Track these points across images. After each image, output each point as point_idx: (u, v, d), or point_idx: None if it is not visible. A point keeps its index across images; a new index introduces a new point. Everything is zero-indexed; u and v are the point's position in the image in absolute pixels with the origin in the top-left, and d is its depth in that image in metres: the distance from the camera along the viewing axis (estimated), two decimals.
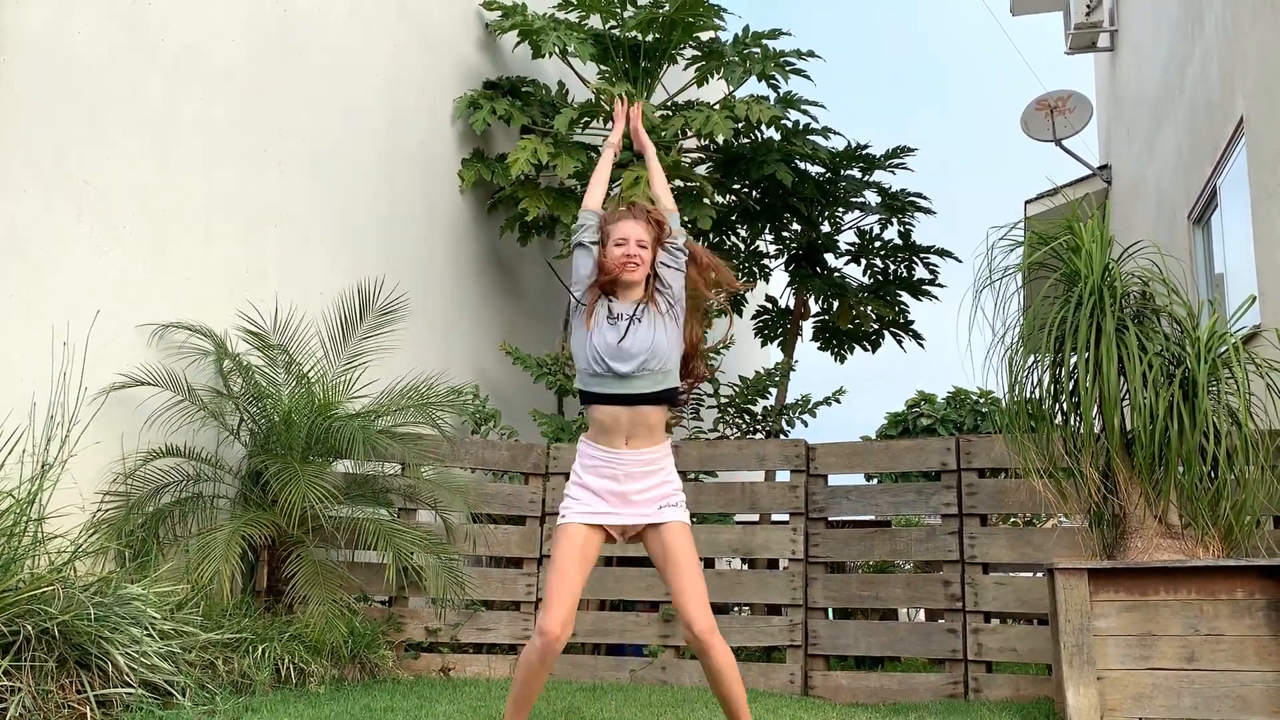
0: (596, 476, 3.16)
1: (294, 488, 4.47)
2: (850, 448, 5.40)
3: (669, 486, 3.19)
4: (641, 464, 3.15)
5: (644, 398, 3.15)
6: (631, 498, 3.14)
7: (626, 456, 3.15)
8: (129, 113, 4.79)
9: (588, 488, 3.17)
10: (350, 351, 5.36)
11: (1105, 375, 3.89)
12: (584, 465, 3.21)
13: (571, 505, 3.17)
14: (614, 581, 5.42)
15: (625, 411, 3.14)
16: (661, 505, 3.15)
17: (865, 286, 8.42)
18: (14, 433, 4.01)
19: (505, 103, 7.47)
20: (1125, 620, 3.75)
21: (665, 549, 3.13)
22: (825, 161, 7.74)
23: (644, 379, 3.14)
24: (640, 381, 3.14)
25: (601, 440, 3.18)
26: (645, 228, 3.23)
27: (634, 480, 3.14)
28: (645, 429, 3.17)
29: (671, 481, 3.21)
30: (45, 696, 3.44)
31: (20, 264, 4.24)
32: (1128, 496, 3.97)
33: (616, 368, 3.12)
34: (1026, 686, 4.75)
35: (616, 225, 3.23)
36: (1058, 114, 9.96)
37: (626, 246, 3.19)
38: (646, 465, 3.16)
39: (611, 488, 3.14)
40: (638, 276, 3.21)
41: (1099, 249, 4.13)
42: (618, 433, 3.15)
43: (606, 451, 3.16)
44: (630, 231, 3.21)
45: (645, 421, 3.16)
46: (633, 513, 3.14)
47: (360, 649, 4.74)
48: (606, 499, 3.14)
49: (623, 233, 3.21)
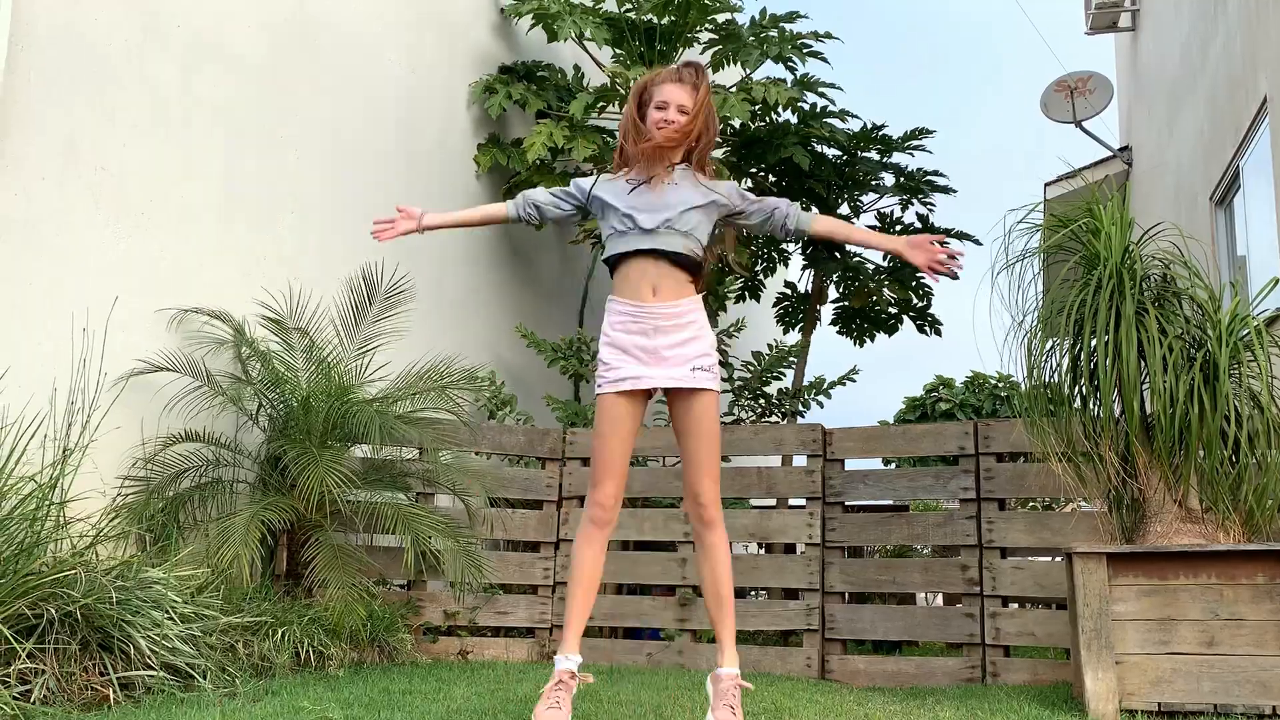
0: (625, 333, 3.09)
1: (313, 472, 4.50)
2: (867, 432, 5.39)
3: (702, 344, 3.11)
4: (671, 316, 3.08)
5: (668, 254, 3.08)
6: (663, 353, 3.06)
7: (655, 309, 3.07)
8: (145, 100, 4.81)
9: (617, 346, 3.10)
10: (363, 335, 5.37)
11: (1125, 359, 3.86)
12: (612, 323, 3.14)
13: (605, 374, 3.10)
14: (631, 565, 5.43)
15: (651, 264, 3.08)
16: (695, 367, 3.08)
17: (883, 269, 8.37)
18: (35, 418, 4.04)
19: (521, 87, 7.46)
20: (1144, 605, 3.73)
21: (690, 416, 3.08)
22: (842, 144, 7.70)
23: (670, 236, 3.08)
24: (666, 238, 3.08)
25: (628, 293, 3.11)
26: (690, 94, 3.12)
27: (664, 334, 3.07)
28: (673, 281, 3.09)
29: (704, 338, 3.13)
30: (69, 679, 3.48)
31: (39, 251, 4.27)
32: (1147, 480, 3.94)
33: (642, 220, 3.07)
34: (1045, 671, 4.74)
35: (660, 88, 3.13)
36: (1078, 95, 9.87)
37: (667, 111, 3.10)
38: (676, 318, 3.08)
39: (642, 343, 3.07)
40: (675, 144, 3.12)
41: (1119, 231, 4.09)
42: (644, 283, 3.08)
43: (634, 305, 3.09)
44: (673, 96, 3.11)
45: (671, 275, 3.09)
46: (665, 372, 3.07)
47: (379, 632, 4.77)
48: (637, 356, 3.08)
49: (665, 96, 3.11)
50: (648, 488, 5.53)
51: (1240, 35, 6.04)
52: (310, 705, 3.51)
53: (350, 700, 3.69)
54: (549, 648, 5.34)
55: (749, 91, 6.78)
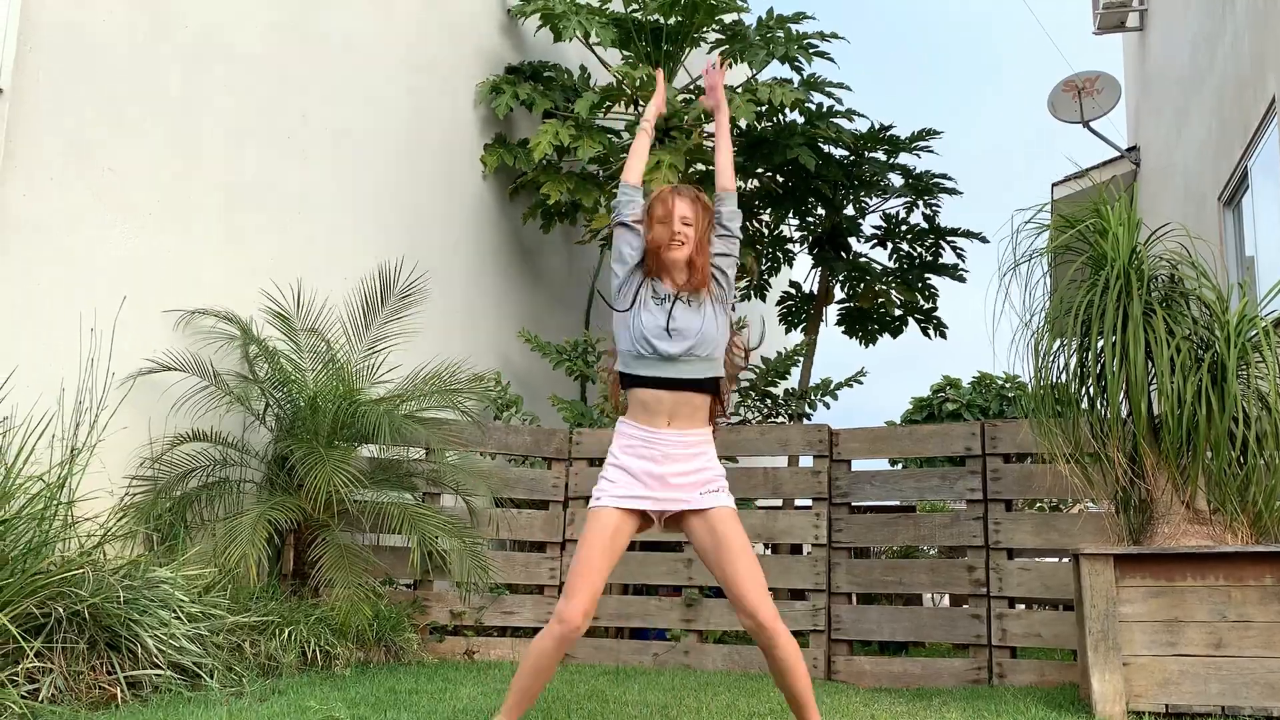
0: (634, 457, 3.05)
1: (320, 472, 4.50)
2: (874, 433, 5.38)
3: (710, 472, 3.08)
4: (682, 445, 3.05)
5: (689, 383, 3.06)
6: (670, 480, 3.02)
7: (667, 436, 3.04)
8: (152, 100, 4.82)
9: (624, 469, 3.05)
10: (373, 336, 5.38)
11: (1132, 359, 3.85)
12: (621, 446, 3.09)
13: (606, 488, 3.05)
14: (637, 566, 5.43)
15: (669, 394, 3.05)
16: (702, 491, 3.04)
17: (889, 270, 8.36)
18: (43, 417, 4.05)
19: (527, 87, 7.46)
20: (1152, 606, 3.72)
21: (714, 536, 3.00)
22: (849, 144, 7.69)
23: (691, 364, 3.06)
24: (686, 366, 3.05)
25: (642, 419, 3.07)
26: (691, 205, 3.14)
27: (673, 462, 3.03)
28: (688, 410, 3.07)
29: (713, 468, 3.09)
30: (76, 677, 3.49)
31: (47, 251, 4.28)
32: (1155, 482, 3.93)
33: (663, 349, 3.04)
34: (1051, 672, 4.73)
35: (660, 203, 3.15)
36: (1085, 95, 9.84)
37: (671, 224, 3.10)
38: (688, 448, 3.05)
39: (650, 469, 3.03)
40: (683, 255, 3.11)
41: (1126, 232, 4.08)
42: (660, 413, 3.05)
43: (647, 431, 3.05)
44: (675, 207, 3.12)
45: (689, 404, 3.06)
46: (671, 496, 3.02)
47: (385, 632, 4.78)
48: (644, 481, 3.03)
49: (666, 208, 3.12)
50: None
51: (1249, 35, 6.02)
52: (317, 705, 3.52)
53: (357, 700, 3.70)
54: None
55: (755, 92, 6.77)
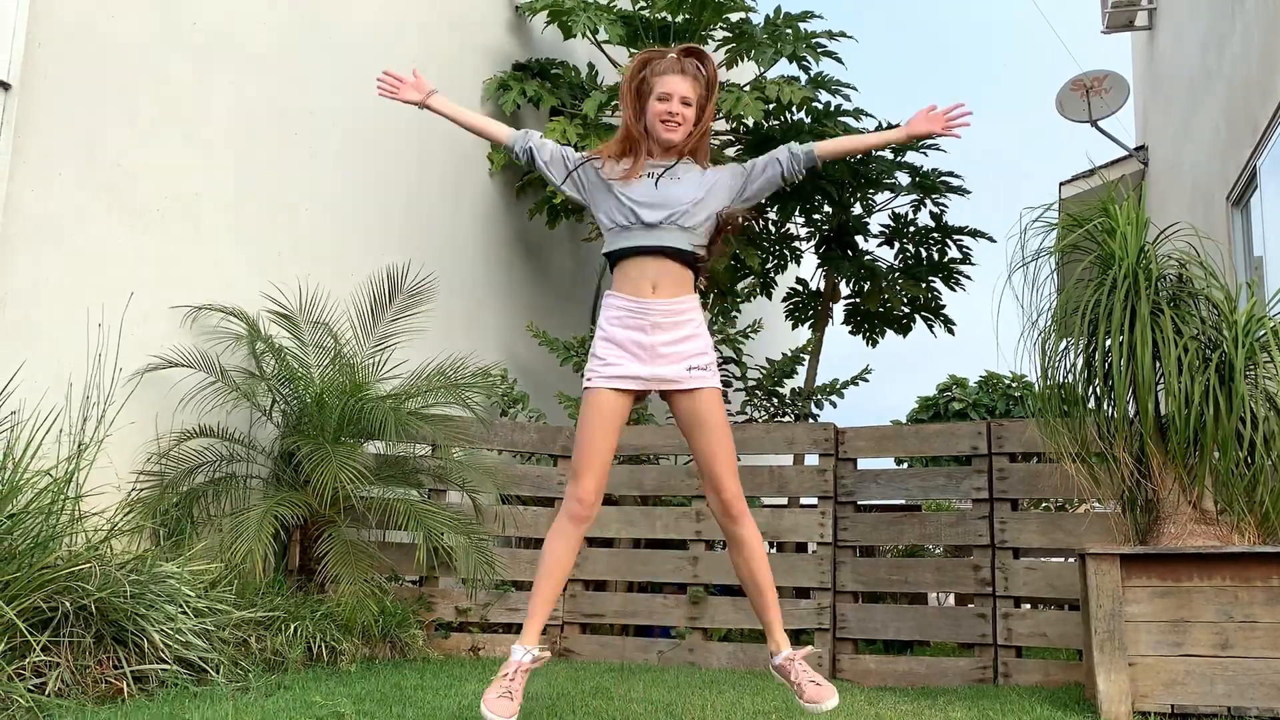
0: (622, 328, 3.04)
1: (326, 468, 4.51)
2: (880, 432, 5.38)
3: (699, 342, 3.07)
4: (669, 313, 3.04)
5: (670, 251, 3.05)
6: (660, 350, 3.02)
7: (654, 305, 3.03)
8: (160, 97, 4.83)
9: (612, 340, 3.05)
10: (380, 333, 5.38)
11: (1140, 359, 3.85)
12: (609, 317, 3.09)
13: (597, 367, 3.05)
14: (642, 564, 5.44)
15: (652, 261, 3.04)
16: (690, 366, 3.03)
17: (895, 269, 8.35)
18: (50, 413, 4.07)
19: (535, 84, 7.46)
20: (1158, 606, 3.71)
21: (695, 413, 3.03)
22: None
23: (673, 232, 3.04)
24: (668, 234, 3.04)
25: (627, 289, 3.07)
26: (693, 85, 3.08)
27: (661, 331, 3.02)
28: (672, 278, 3.05)
29: (700, 337, 3.08)
30: (83, 671, 3.51)
31: (55, 247, 4.29)
32: (1162, 482, 3.93)
33: (644, 216, 3.03)
34: (1057, 672, 4.72)
35: (662, 78, 3.08)
36: (1093, 94, 9.81)
37: (670, 103, 3.05)
38: (674, 315, 3.04)
39: (638, 339, 3.02)
40: (678, 136, 3.08)
41: (1134, 231, 4.07)
42: (644, 280, 3.04)
43: (632, 300, 3.05)
44: (675, 87, 3.06)
45: (672, 273, 3.05)
46: (660, 371, 3.02)
47: (391, 628, 4.79)
48: (632, 351, 3.03)
49: (667, 87, 3.06)
50: (659, 486, 5.53)
51: (1258, 34, 6.00)
52: (322, 700, 3.53)
53: (362, 695, 3.70)
54: (561, 645, 5.35)
55: (763, 90, 6.76)
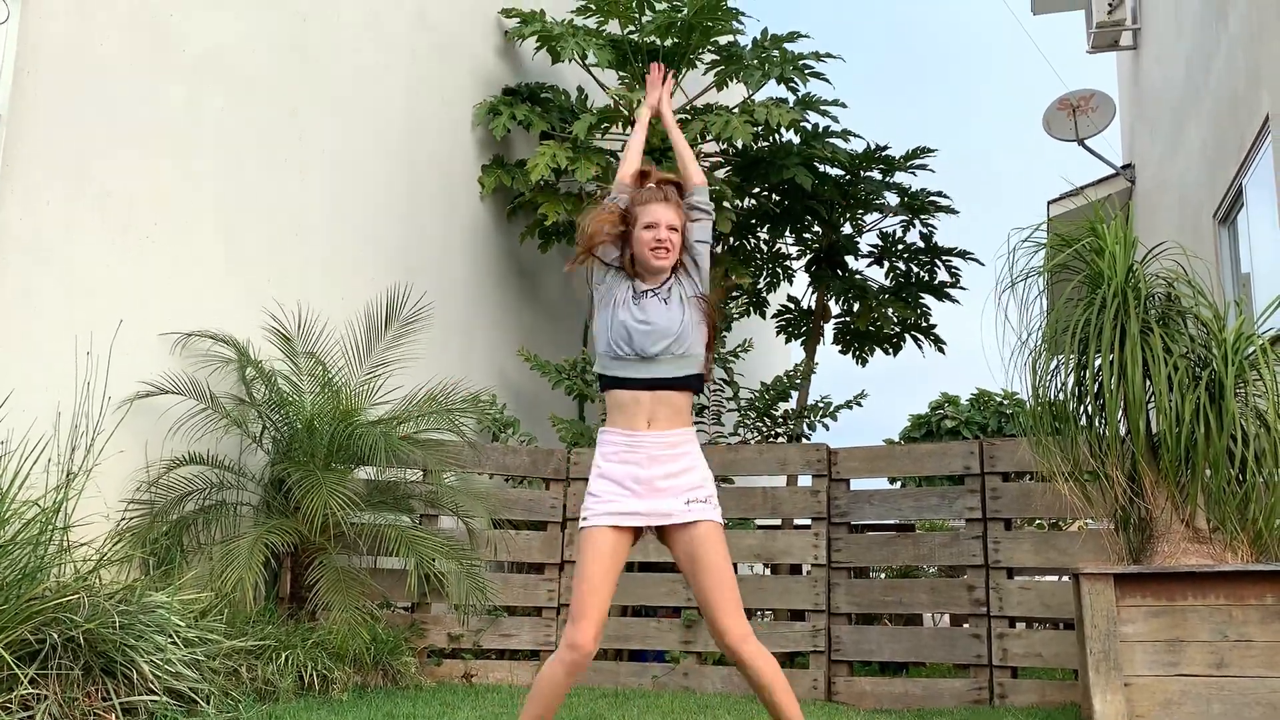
0: (618, 463, 2.98)
1: (316, 495, 4.48)
2: (873, 452, 5.37)
3: (697, 475, 3.00)
4: (665, 446, 2.98)
5: (668, 382, 3.01)
6: (657, 484, 2.95)
7: (649, 438, 2.97)
8: (150, 122, 4.83)
9: (608, 477, 2.98)
10: (374, 359, 5.37)
11: (1130, 378, 3.85)
12: (604, 454, 3.02)
13: (593, 506, 2.97)
14: (636, 587, 5.41)
15: (648, 394, 3.00)
16: (689, 500, 2.95)
17: (886, 288, 8.37)
18: (39, 441, 4.04)
19: (525, 109, 7.48)
20: (1153, 626, 3.70)
21: (693, 551, 2.93)
22: (845, 164, 7.71)
23: (669, 362, 3.01)
24: (665, 365, 3.01)
25: (622, 423, 3.02)
26: (676, 212, 3.12)
27: (659, 464, 2.96)
28: (669, 411, 3.01)
29: (699, 469, 3.01)
30: (71, 704, 3.46)
31: (44, 273, 4.28)
32: (1154, 500, 3.92)
33: (641, 348, 3.00)
34: (1052, 692, 4.71)
35: (646, 208, 3.11)
36: (1080, 113, 9.87)
37: (657, 231, 3.07)
38: (671, 448, 2.99)
39: (635, 473, 2.95)
40: (667, 263, 3.10)
41: (1122, 250, 4.08)
42: (639, 414, 2.99)
43: (627, 435, 3.00)
44: (661, 216, 3.09)
45: (669, 404, 3.01)
46: (658, 505, 2.93)
47: (383, 655, 4.75)
48: (629, 487, 2.95)
49: (653, 216, 3.09)
50: None
51: (1242, 52, 6.05)
52: None
53: None
54: None
55: (751, 113, 6.79)
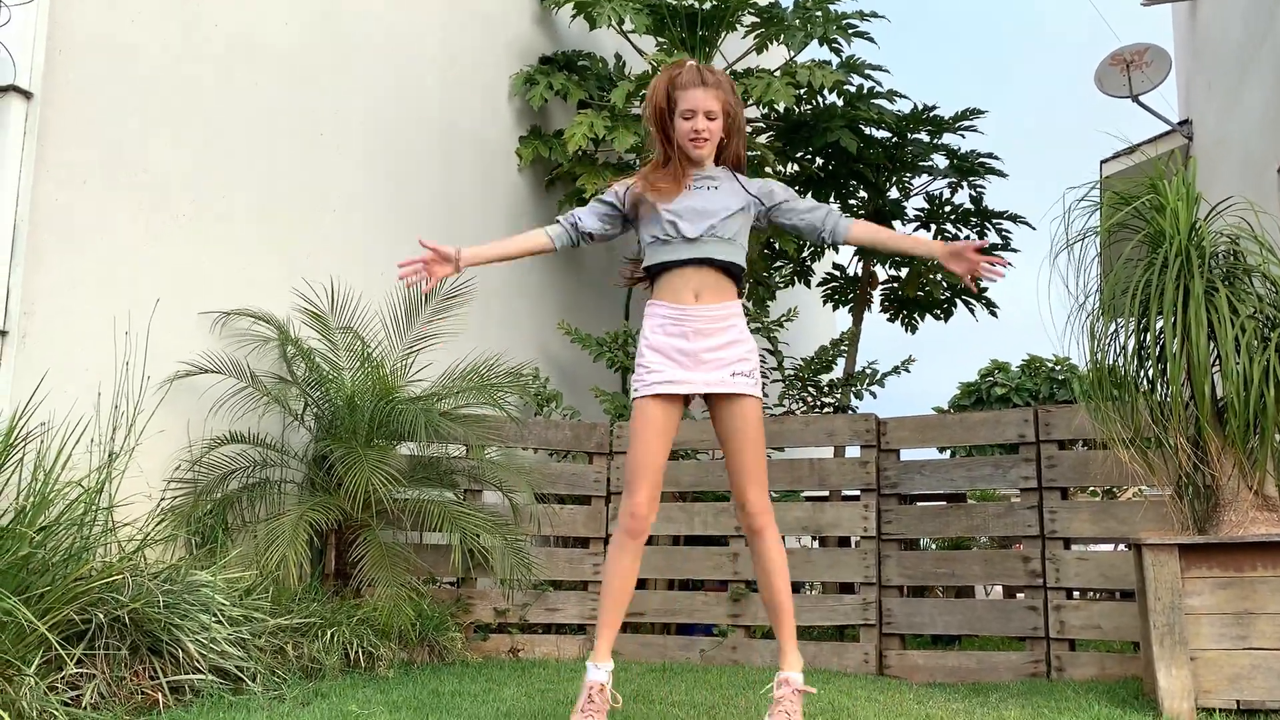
0: (664, 335, 3.06)
1: (358, 471, 4.46)
2: (923, 421, 5.23)
3: (742, 348, 3.06)
4: (711, 319, 3.04)
5: (712, 262, 3.05)
6: (703, 356, 3.02)
7: (695, 311, 3.04)
8: (183, 102, 4.79)
9: (656, 349, 3.06)
10: (414, 334, 5.33)
11: (1194, 340, 3.69)
12: (651, 326, 3.10)
13: (643, 375, 3.06)
14: (682, 561, 5.34)
15: (694, 271, 3.05)
16: (734, 372, 3.03)
17: None
18: (80, 422, 4.04)
19: (561, 78, 7.37)
20: (1220, 598, 3.56)
21: (732, 421, 3.03)
22: (891, 126, 7.51)
23: (714, 243, 3.05)
24: (708, 246, 3.05)
25: (669, 296, 3.08)
26: (716, 97, 3.05)
27: (704, 337, 3.03)
28: (714, 286, 3.06)
29: (744, 342, 3.08)
30: (119, 683, 3.48)
31: (82, 255, 4.27)
32: (1220, 467, 3.77)
33: (685, 229, 3.03)
34: (1112, 665, 4.57)
35: (685, 93, 3.05)
36: (1134, 69, 9.55)
37: (695, 120, 3.04)
38: (717, 321, 3.04)
39: (681, 345, 3.04)
40: (705, 152, 3.09)
41: (1185, 207, 3.90)
42: (685, 289, 3.05)
43: (674, 308, 3.06)
44: (699, 102, 3.04)
45: (713, 282, 3.06)
46: (704, 376, 3.02)
47: (429, 631, 4.73)
48: (676, 359, 3.03)
49: (690, 103, 3.04)
50: (698, 481, 5.43)
51: None
52: (358, 709, 3.47)
53: (399, 703, 3.64)
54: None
55: (793, 75, 6.63)
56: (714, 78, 3.09)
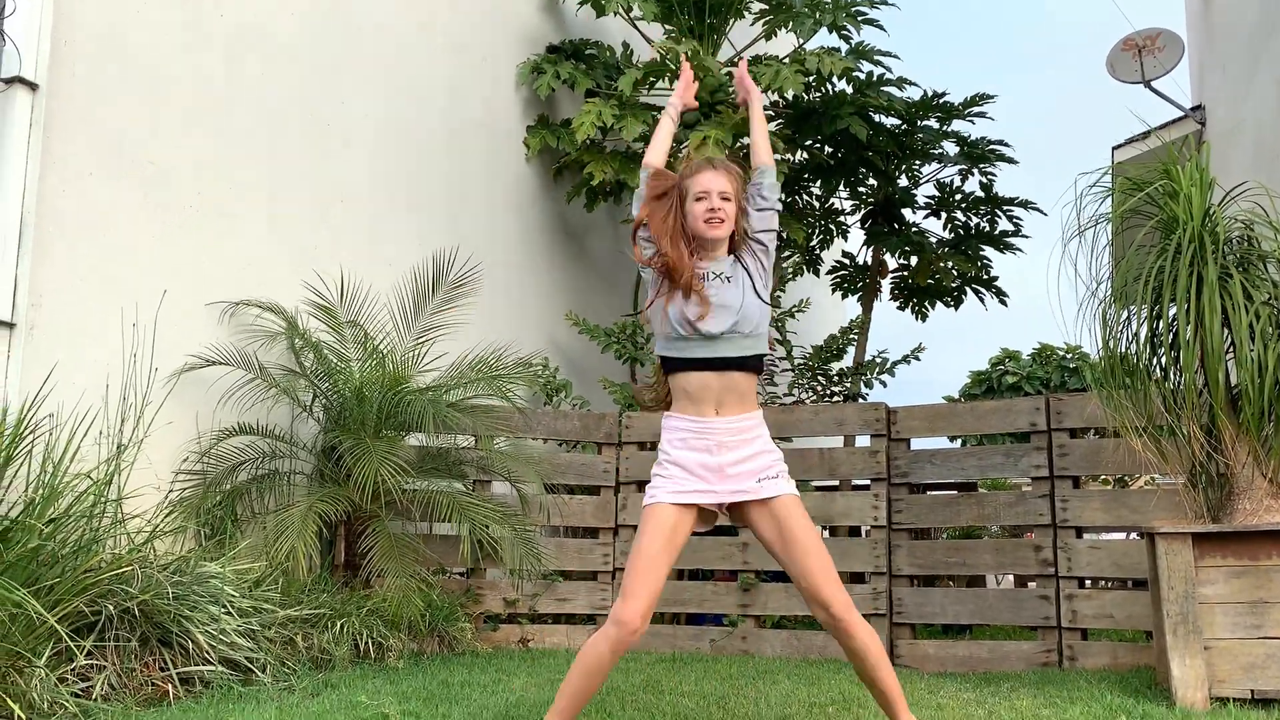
0: (687, 450, 2.90)
1: (366, 462, 4.45)
2: (933, 410, 5.21)
3: (768, 458, 2.92)
4: (734, 432, 2.90)
5: (733, 362, 2.92)
6: (728, 471, 2.88)
7: (718, 425, 2.89)
8: (190, 93, 4.78)
9: (678, 464, 2.90)
10: (422, 325, 5.31)
11: (1208, 327, 3.65)
12: (671, 441, 2.94)
13: (661, 484, 2.90)
14: (692, 551, 5.33)
15: (714, 377, 2.91)
16: (760, 478, 2.88)
17: (945, 241, 8.13)
18: (88, 414, 4.04)
19: (569, 66, 7.33)
20: (1234, 587, 3.53)
21: (779, 526, 2.85)
22: (901, 113, 7.46)
23: (733, 342, 2.91)
24: (729, 344, 2.91)
25: (689, 410, 2.93)
26: (728, 179, 2.99)
27: (728, 450, 2.88)
28: (736, 395, 2.92)
29: (770, 452, 2.93)
30: (129, 674, 3.48)
31: (89, 247, 4.26)
32: (1234, 455, 3.73)
33: (704, 328, 2.90)
34: (1125, 654, 4.55)
35: (696, 178, 2.99)
36: (1146, 54, 9.46)
37: (709, 200, 2.96)
38: (740, 434, 2.90)
39: (705, 460, 2.88)
40: (722, 233, 2.98)
41: (1199, 192, 3.86)
42: (707, 400, 2.91)
43: (696, 421, 2.91)
44: (711, 184, 2.97)
45: (735, 388, 2.92)
46: (730, 488, 2.88)
47: (438, 622, 4.73)
48: (699, 474, 2.88)
49: (703, 185, 2.97)
50: None
51: None
52: (367, 700, 3.47)
53: (408, 693, 3.64)
54: None
55: (802, 62, 6.58)
56: (723, 163, 3.05)
